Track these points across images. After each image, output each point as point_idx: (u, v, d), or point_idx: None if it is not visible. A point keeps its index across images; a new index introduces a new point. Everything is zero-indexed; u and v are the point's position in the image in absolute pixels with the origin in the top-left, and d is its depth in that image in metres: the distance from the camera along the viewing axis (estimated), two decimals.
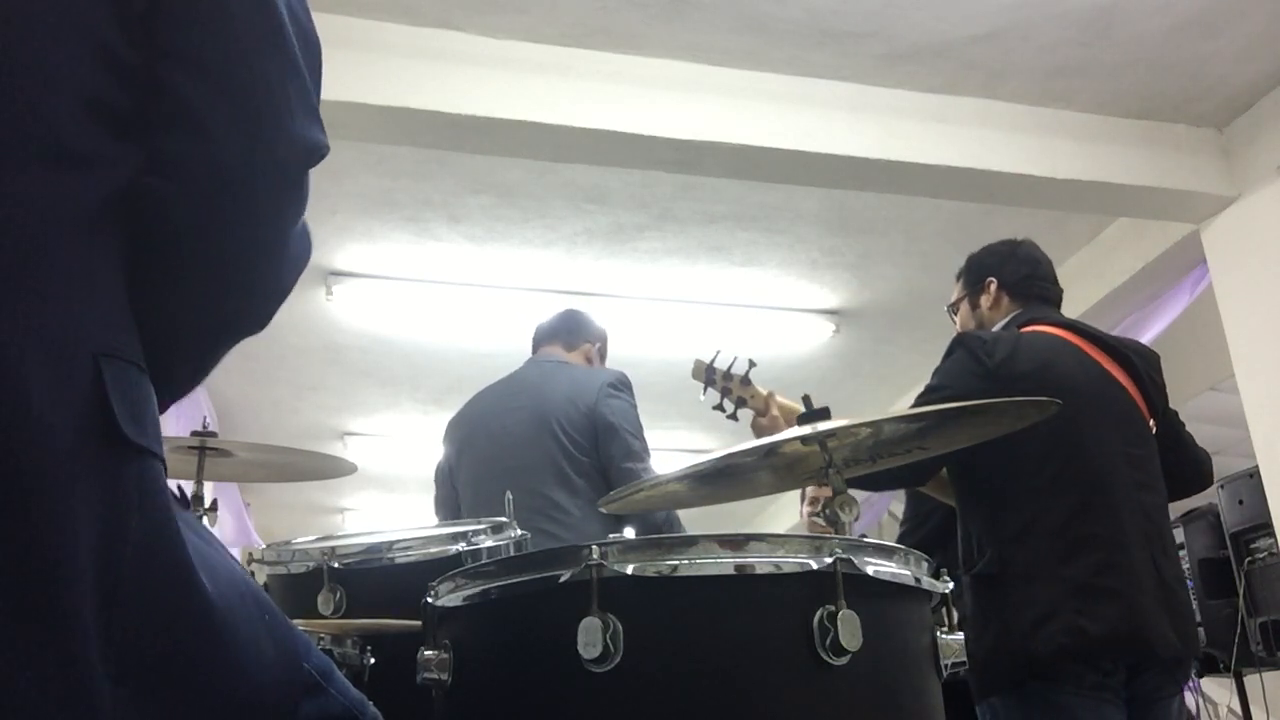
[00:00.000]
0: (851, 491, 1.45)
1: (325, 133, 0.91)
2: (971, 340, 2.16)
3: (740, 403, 2.45)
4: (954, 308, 2.52)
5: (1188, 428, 2.36)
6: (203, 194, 0.84)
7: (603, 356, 3.05)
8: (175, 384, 0.93)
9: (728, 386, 2.45)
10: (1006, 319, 2.34)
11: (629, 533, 2.62)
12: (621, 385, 2.80)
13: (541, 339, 3.03)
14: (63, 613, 0.70)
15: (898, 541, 1.91)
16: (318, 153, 0.90)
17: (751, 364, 2.40)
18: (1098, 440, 2.07)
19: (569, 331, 3.01)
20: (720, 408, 2.45)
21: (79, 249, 0.77)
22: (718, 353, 2.45)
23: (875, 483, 2.03)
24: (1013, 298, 2.37)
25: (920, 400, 2.07)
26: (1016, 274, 2.38)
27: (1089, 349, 2.20)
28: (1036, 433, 1.94)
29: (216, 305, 0.90)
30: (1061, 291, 2.44)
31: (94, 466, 0.74)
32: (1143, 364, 2.24)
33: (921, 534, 2.91)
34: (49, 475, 0.71)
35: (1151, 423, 2.20)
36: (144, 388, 0.82)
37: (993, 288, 2.39)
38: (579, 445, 2.69)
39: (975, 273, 2.46)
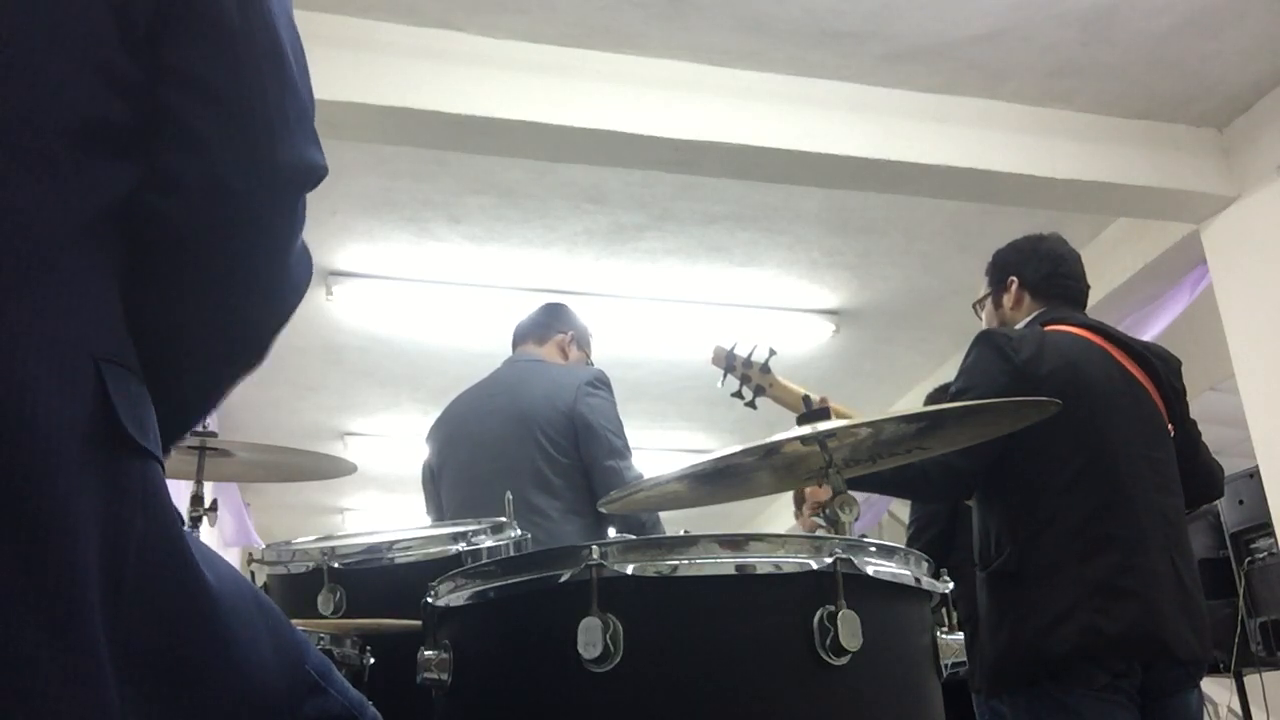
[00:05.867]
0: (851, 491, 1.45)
1: (323, 154, 0.92)
2: (996, 337, 2.13)
3: (759, 390, 2.44)
4: (979, 304, 2.48)
5: None
6: (201, 211, 0.85)
7: (580, 345, 2.98)
8: (185, 405, 0.93)
9: (747, 374, 2.45)
10: (1029, 318, 2.30)
11: (611, 533, 2.62)
12: (600, 383, 2.74)
13: (517, 338, 2.99)
14: (75, 615, 0.70)
15: (905, 544, 1.91)
16: (314, 173, 0.90)
17: (772, 352, 2.40)
18: (1120, 441, 2.05)
19: (541, 326, 2.97)
20: (739, 394, 2.45)
21: (76, 259, 0.77)
22: (738, 340, 2.45)
23: (914, 494, 1.99)
24: (1035, 297, 2.33)
25: None
26: (1038, 273, 2.33)
27: (1113, 351, 2.18)
28: (1060, 432, 1.92)
29: (218, 322, 0.91)
30: (1087, 288, 2.39)
31: (99, 467, 0.74)
32: (1164, 369, 2.21)
33: (928, 536, 2.90)
34: (56, 475, 0.71)
35: (1170, 428, 2.18)
36: (143, 394, 0.82)
37: (1014, 287, 2.35)
38: (558, 446, 2.64)
39: (998, 270, 2.41)
